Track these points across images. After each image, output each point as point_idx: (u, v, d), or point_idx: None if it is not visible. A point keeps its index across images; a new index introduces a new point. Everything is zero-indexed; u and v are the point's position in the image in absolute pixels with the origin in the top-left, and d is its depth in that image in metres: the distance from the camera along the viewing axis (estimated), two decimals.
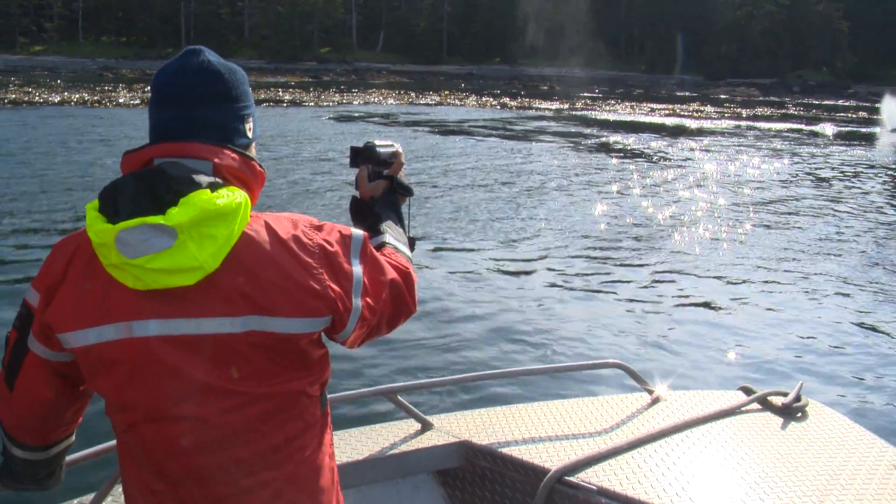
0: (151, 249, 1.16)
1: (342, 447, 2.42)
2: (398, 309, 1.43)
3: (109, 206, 1.20)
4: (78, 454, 1.88)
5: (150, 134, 1.34)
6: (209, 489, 1.28)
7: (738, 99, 49.22)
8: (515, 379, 5.06)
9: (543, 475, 2.29)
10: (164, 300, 1.21)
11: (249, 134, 1.38)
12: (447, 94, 41.77)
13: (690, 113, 35.28)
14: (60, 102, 27.36)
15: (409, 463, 2.49)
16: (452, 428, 2.60)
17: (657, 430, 2.52)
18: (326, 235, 1.33)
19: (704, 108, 39.34)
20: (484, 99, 39.48)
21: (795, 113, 38.87)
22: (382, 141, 1.71)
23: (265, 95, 33.58)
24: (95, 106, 26.79)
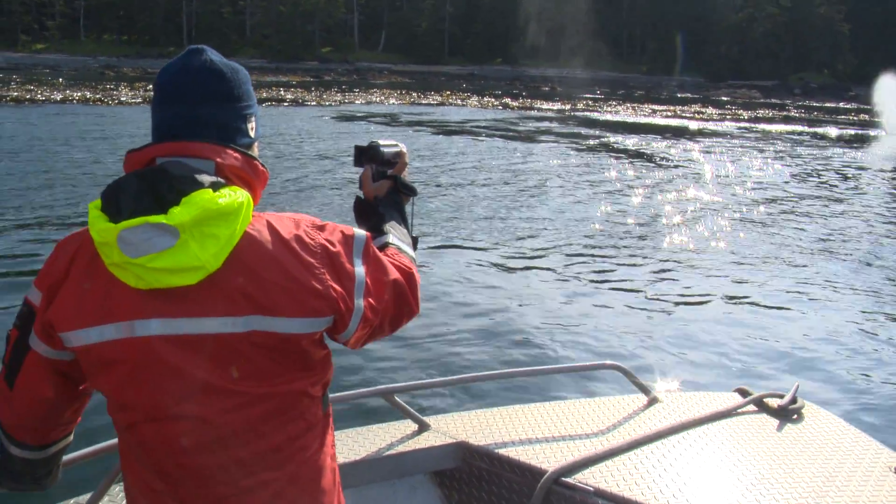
0: (153, 249, 1.17)
1: (338, 447, 2.40)
2: (401, 310, 1.43)
3: (112, 204, 1.20)
4: (75, 453, 1.87)
5: (152, 133, 1.34)
6: (209, 489, 1.28)
7: (739, 101, 49.12)
8: (512, 380, 5.06)
9: (540, 476, 2.29)
10: (165, 300, 1.21)
11: (252, 133, 1.38)
12: (449, 94, 41.73)
13: (692, 115, 35.23)
14: (62, 100, 27.35)
15: (405, 463, 2.49)
16: (449, 429, 2.60)
17: (654, 431, 2.52)
18: (329, 235, 1.33)
19: (706, 109, 39.29)
20: (485, 99, 39.44)
21: (796, 115, 38.84)
22: (386, 140, 1.71)
23: (267, 95, 33.56)
24: (97, 104, 26.79)
